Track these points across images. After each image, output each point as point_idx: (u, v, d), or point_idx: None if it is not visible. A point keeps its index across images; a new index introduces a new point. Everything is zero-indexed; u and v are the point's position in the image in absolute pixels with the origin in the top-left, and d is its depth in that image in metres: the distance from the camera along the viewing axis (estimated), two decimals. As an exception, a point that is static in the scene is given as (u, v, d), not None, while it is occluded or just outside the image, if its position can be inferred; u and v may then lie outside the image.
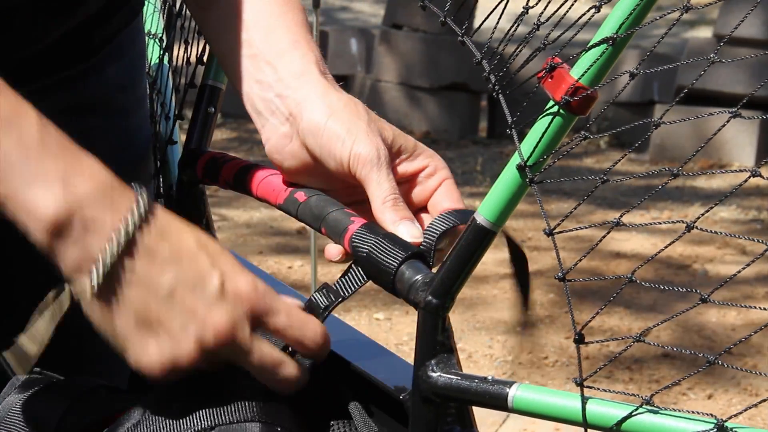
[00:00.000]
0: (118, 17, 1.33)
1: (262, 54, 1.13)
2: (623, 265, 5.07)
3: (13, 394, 1.07)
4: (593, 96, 0.86)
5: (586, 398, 0.89)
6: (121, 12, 1.34)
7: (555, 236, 0.87)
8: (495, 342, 4.24)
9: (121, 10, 1.34)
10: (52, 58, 1.26)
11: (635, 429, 0.86)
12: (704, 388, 3.90)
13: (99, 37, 1.32)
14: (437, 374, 0.97)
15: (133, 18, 1.37)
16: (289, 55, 1.13)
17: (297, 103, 1.10)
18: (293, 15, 1.16)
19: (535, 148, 0.88)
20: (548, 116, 0.88)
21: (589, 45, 0.84)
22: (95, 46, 1.32)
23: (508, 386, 0.93)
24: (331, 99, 1.10)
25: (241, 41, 1.15)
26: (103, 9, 1.29)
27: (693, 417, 0.84)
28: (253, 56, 1.14)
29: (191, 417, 0.95)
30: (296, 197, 1.10)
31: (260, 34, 1.14)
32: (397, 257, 1.00)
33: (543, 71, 0.87)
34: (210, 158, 1.21)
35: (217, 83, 1.26)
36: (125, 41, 1.36)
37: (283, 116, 1.11)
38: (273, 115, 1.12)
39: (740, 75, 7.05)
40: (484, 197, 0.94)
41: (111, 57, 1.34)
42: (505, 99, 0.93)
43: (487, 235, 0.93)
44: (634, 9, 0.82)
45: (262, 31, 1.14)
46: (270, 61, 1.13)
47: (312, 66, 1.12)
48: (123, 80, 1.37)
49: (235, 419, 0.95)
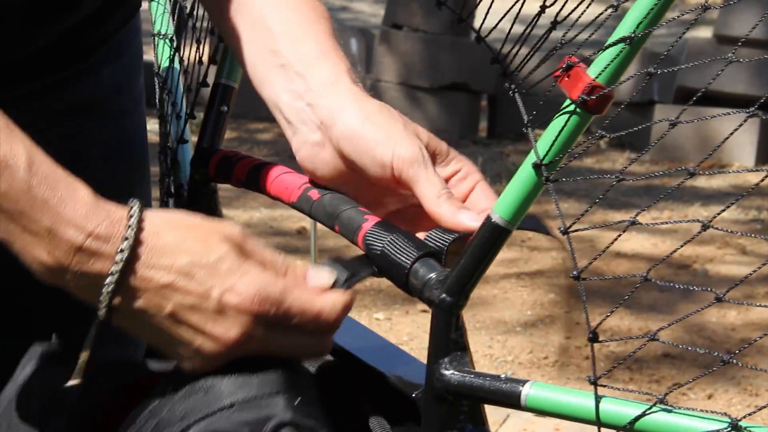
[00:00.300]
0: (114, 18, 1.33)
1: (291, 64, 1.13)
2: (623, 265, 5.07)
3: (31, 364, 1.07)
4: (610, 95, 0.86)
5: (600, 396, 0.89)
6: (117, 13, 1.34)
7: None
8: (495, 342, 4.24)
9: (117, 12, 1.33)
10: (47, 60, 1.26)
11: (649, 428, 0.87)
12: (704, 388, 3.90)
13: (94, 39, 1.32)
14: (450, 372, 0.97)
15: (129, 19, 1.37)
16: (318, 65, 1.13)
17: (329, 111, 1.10)
18: (321, 25, 1.16)
19: (551, 147, 0.89)
20: (564, 115, 0.88)
21: (607, 44, 0.85)
22: (90, 47, 1.32)
23: (521, 384, 0.93)
24: (365, 104, 1.10)
25: (269, 51, 1.14)
26: (99, 10, 1.29)
27: (707, 416, 0.85)
28: (282, 66, 1.13)
29: (215, 393, 0.97)
30: (310, 195, 1.11)
31: (289, 44, 1.14)
32: (412, 255, 1.00)
33: (560, 70, 0.87)
34: (223, 156, 1.21)
35: (230, 82, 1.27)
36: (121, 42, 1.36)
37: (314, 124, 1.11)
38: (304, 124, 1.12)
39: (741, 75, 7.04)
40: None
41: (106, 58, 1.34)
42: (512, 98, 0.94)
43: (502, 233, 0.94)
44: (651, 8, 0.82)
45: (290, 42, 1.14)
46: (299, 71, 1.13)
47: (343, 75, 1.12)
48: (119, 81, 1.37)
49: (256, 395, 0.96)
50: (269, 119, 8.29)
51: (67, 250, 0.95)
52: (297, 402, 0.96)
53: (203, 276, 0.96)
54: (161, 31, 1.39)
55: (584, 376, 3.85)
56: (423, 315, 4.41)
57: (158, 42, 1.39)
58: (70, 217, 0.95)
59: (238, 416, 0.95)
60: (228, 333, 0.96)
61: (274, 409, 0.95)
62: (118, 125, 1.38)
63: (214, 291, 0.96)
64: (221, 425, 0.94)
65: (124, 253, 0.95)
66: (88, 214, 0.96)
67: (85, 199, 0.96)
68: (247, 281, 0.96)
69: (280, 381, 0.97)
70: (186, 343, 0.97)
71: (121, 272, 0.95)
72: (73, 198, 0.96)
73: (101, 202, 0.97)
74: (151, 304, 0.96)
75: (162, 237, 0.97)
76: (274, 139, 7.58)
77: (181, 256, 0.96)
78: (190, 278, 0.96)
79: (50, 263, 0.95)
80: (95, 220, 0.95)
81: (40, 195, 0.95)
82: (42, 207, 0.95)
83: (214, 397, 0.96)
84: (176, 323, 0.97)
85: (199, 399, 0.96)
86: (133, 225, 0.96)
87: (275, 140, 7.55)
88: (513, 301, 4.64)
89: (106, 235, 0.95)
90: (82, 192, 0.97)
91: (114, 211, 0.97)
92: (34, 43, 1.23)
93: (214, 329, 0.96)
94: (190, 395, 0.97)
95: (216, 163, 1.22)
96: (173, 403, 0.97)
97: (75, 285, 0.96)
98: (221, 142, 1.26)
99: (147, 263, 0.96)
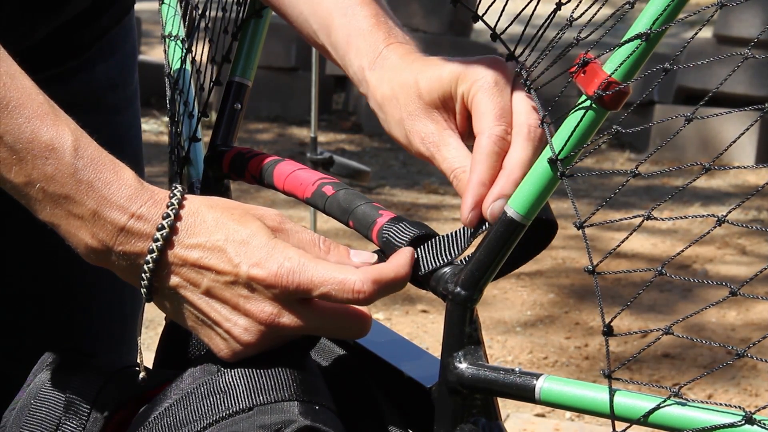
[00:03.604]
0: (108, 15, 1.34)
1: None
2: (623, 264, 5.06)
3: (45, 371, 1.08)
4: (626, 91, 0.87)
5: (614, 390, 0.89)
6: (111, 10, 1.34)
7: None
8: (495, 342, 4.24)
9: (111, 8, 1.34)
10: (41, 55, 1.26)
11: (663, 421, 0.87)
12: (704, 387, 3.90)
13: (88, 35, 1.32)
14: (464, 365, 0.98)
15: (124, 16, 1.38)
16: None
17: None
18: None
19: (567, 142, 0.89)
20: (580, 111, 0.88)
21: (623, 41, 0.85)
22: (84, 43, 1.32)
23: (535, 378, 0.94)
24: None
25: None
26: (92, 6, 1.30)
27: (721, 410, 0.85)
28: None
29: (229, 397, 0.97)
30: (324, 191, 1.11)
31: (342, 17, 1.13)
32: None
33: (576, 66, 0.88)
34: (236, 153, 1.22)
35: (243, 80, 1.27)
36: (115, 39, 1.37)
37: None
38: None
39: (741, 75, 7.04)
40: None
41: (101, 55, 1.35)
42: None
43: (517, 227, 0.94)
44: (668, 5, 0.83)
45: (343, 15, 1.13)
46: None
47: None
48: (113, 78, 1.38)
49: (274, 399, 0.97)
50: (269, 119, 8.28)
51: (111, 232, 0.97)
52: (316, 408, 0.97)
53: (234, 251, 0.97)
54: (172, 32, 1.40)
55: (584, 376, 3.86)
56: (423, 315, 4.41)
57: (169, 43, 1.39)
58: (114, 199, 0.97)
59: (256, 419, 0.95)
60: (260, 309, 0.97)
61: (293, 414, 0.95)
62: (111, 122, 1.38)
63: (243, 266, 0.97)
64: (239, 428, 0.95)
65: (163, 231, 0.97)
66: (132, 196, 0.98)
67: (129, 181, 0.98)
68: (274, 256, 0.97)
69: (298, 385, 0.98)
70: (221, 323, 0.98)
71: (160, 250, 0.97)
72: (118, 180, 0.98)
73: (145, 184, 0.99)
74: (187, 282, 0.98)
75: (200, 216, 0.99)
76: (274, 139, 7.58)
77: (216, 233, 0.98)
78: (222, 254, 0.97)
79: (95, 245, 0.97)
80: (138, 202, 0.98)
81: (85, 178, 0.97)
82: (87, 190, 0.97)
83: (232, 399, 0.97)
84: (211, 300, 0.98)
85: (216, 400, 0.97)
86: (174, 205, 0.98)
87: (275, 140, 7.54)
88: (513, 301, 4.64)
89: (148, 215, 0.98)
90: (127, 174, 0.99)
91: (157, 192, 0.99)
92: (30, 38, 1.23)
93: (247, 305, 0.97)
94: (207, 396, 0.97)
95: (230, 159, 1.22)
96: (189, 404, 0.97)
97: (119, 266, 0.99)
98: (235, 139, 1.26)
99: (184, 241, 0.98)
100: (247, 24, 1.28)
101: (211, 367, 1.00)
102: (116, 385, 1.07)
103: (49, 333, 1.36)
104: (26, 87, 0.99)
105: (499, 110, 0.99)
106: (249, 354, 0.99)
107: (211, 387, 0.98)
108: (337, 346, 1.11)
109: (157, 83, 1.74)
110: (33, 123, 0.97)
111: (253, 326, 0.98)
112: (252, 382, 0.98)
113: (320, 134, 6.60)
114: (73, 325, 1.37)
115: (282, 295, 0.97)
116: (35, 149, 0.96)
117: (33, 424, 1.06)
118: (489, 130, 0.99)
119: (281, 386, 0.97)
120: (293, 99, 7.94)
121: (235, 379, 0.98)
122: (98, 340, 1.40)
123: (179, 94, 1.34)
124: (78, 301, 1.39)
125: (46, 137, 0.97)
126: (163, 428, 0.98)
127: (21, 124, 0.97)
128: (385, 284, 0.98)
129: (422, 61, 1.06)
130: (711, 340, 4.36)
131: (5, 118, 0.96)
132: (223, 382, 0.98)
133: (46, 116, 0.98)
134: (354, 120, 7.98)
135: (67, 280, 1.37)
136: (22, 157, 0.96)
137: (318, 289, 0.97)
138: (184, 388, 0.99)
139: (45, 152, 0.97)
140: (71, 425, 1.05)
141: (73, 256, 1.00)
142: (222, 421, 0.96)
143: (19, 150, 0.96)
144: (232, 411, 0.96)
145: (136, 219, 0.97)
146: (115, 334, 1.43)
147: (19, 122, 0.97)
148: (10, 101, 0.97)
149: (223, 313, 0.98)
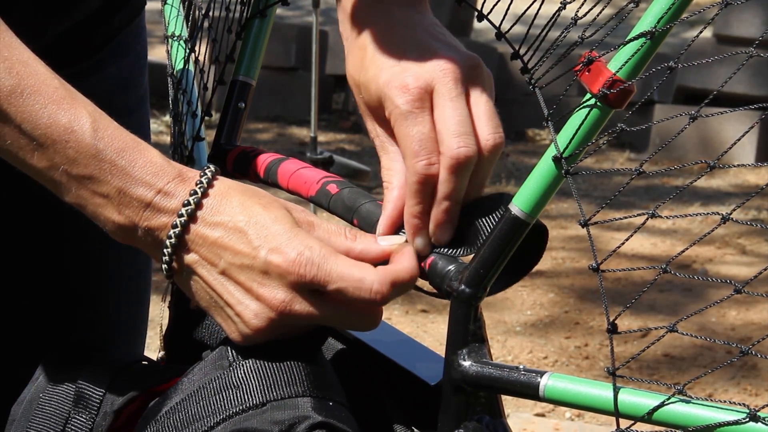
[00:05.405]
0: (120, 16, 1.34)
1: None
2: (623, 264, 5.07)
3: (53, 365, 1.08)
4: (630, 89, 0.87)
5: (618, 387, 0.90)
6: (123, 11, 1.35)
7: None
8: (495, 342, 4.24)
9: (123, 9, 1.34)
10: (53, 56, 1.26)
11: (667, 418, 0.87)
12: (704, 387, 3.91)
13: (100, 36, 1.32)
14: (468, 363, 0.98)
15: (135, 17, 1.38)
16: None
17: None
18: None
19: (571, 141, 0.90)
20: (585, 109, 0.89)
21: (627, 39, 0.85)
22: (96, 44, 1.32)
23: (539, 375, 0.94)
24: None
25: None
26: (104, 7, 1.30)
27: (725, 407, 0.85)
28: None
29: (242, 392, 0.97)
30: (328, 189, 1.11)
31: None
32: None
33: (580, 64, 0.88)
34: (240, 152, 1.22)
35: (247, 79, 1.27)
36: (126, 41, 1.37)
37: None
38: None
39: (741, 75, 7.04)
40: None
41: (112, 56, 1.35)
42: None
43: (521, 225, 0.95)
44: (672, 3, 0.83)
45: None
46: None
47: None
48: (124, 79, 1.38)
49: (287, 394, 0.97)
50: (269, 119, 8.27)
51: (137, 208, 0.98)
52: (330, 404, 0.97)
53: (255, 234, 0.98)
54: (175, 33, 1.40)
55: (584, 375, 3.86)
56: (423, 315, 4.42)
57: (172, 43, 1.40)
58: (139, 176, 0.98)
59: (269, 415, 0.95)
60: (272, 296, 0.97)
61: (306, 410, 0.95)
62: (122, 122, 1.39)
63: (262, 250, 0.97)
64: (252, 423, 0.95)
65: (189, 207, 0.98)
66: (158, 173, 0.98)
67: (154, 159, 0.99)
68: (294, 244, 0.98)
69: (311, 381, 0.98)
70: (234, 305, 0.98)
71: (183, 226, 0.98)
72: (142, 158, 0.99)
73: (172, 162, 1.00)
74: (205, 260, 0.99)
75: (227, 197, 0.99)
76: (273, 139, 7.58)
77: (240, 215, 0.99)
78: (243, 235, 0.98)
79: (122, 222, 0.98)
80: (165, 178, 0.98)
81: (108, 158, 0.98)
82: (111, 169, 0.98)
83: (245, 395, 0.97)
84: (226, 282, 0.98)
85: (228, 395, 0.97)
86: (203, 183, 0.99)
87: (275, 140, 7.55)
88: (513, 301, 4.65)
89: (175, 191, 0.98)
90: (151, 153, 1.00)
91: (186, 171, 1.00)
92: (42, 38, 1.24)
93: (260, 290, 0.97)
94: (219, 391, 0.97)
95: (234, 158, 1.22)
96: (200, 399, 0.97)
97: (144, 242, 0.99)
98: (239, 138, 1.26)
99: (207, 219, 0.98)
100: (251, 23, 1.28)
101: (223, 362, 1.00)
102: (126, 380, 1.07)
103: (57, 327, 1.36)
104: (40, 72, 0.99)
105: (417, 143, 1.01)
106: (258, 340, 0.99)
107: (223, 382, 0.98)
108: (340, 344, 1.11)
109: (156, 83, 1.74)
110: (50, 108, 0.98)
111: (264, 311, 0.98)
112: (264, 377, 0.97)
113: (320, 134, 6.60)
114: (81, 319, 1.37)
115: (297, 283, 0.97)
116: (54, 134, 0.97)
117: (42, 418, 1.06)
118: (409, 169, 1.02)
119: (294, 381, 0.97)
120: (293, 99, 7.93)
121: (248, 373, 0.98)
122: (107, 334, 1.40)
123: (182, 93, 1.34)
124: (88, 295, 1.39)
125: (64, 121, 0.97)
126: (175, 423, 0.98)
127: (38, 111, 0.97)
128: (401, 286, 0.99)
129: (382, 50, 1.09)
130: (713, 338, 4.36)
131: (22, 105, 0.97)
132: (235, 377, 0.98)
133: (62, 100, 0.98)
134: (354, 119, 7.98)
135: (77, 274, 1.37)
136: (42, 142, 0.97)
137: (335, 284, 0.97)
138: (195, 382, 0.99)
139: (65, 136, 0.97)
140: (81, 419, 1.06)
141: (82, 250, 1.00)
142: (235, 417, 0.95)
143: (39, 136, 0.97)
144: (245, 406, 0.96)
145: (162, 195, 0.98)
146: (125, 329, 1.43)
147: (35, 108, 0.97)
148: (25, 88, 0.98)
149: (236, 296, 0.98)
